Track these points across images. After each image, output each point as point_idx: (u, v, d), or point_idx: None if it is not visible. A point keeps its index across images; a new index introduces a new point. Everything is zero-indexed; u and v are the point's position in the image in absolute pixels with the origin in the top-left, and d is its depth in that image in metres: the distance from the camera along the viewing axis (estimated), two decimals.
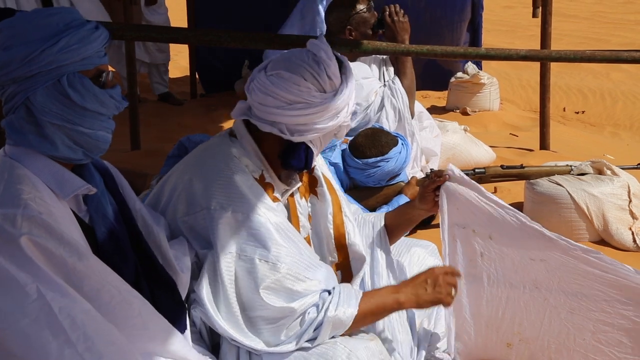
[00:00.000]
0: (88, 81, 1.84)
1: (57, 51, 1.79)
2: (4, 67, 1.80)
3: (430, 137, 4.65)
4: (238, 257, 2.13)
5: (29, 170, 1.83)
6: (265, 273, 2.12)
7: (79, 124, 1.85)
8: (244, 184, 2.18)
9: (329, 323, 2.14)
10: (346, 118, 2.25)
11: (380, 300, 2.24)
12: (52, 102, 1.82)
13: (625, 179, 3.97)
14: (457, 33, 7.70)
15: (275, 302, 2.12)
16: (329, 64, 2.19)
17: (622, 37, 13.71)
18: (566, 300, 2.42)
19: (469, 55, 4.83)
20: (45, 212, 1.77)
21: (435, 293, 2.27)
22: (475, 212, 2.45)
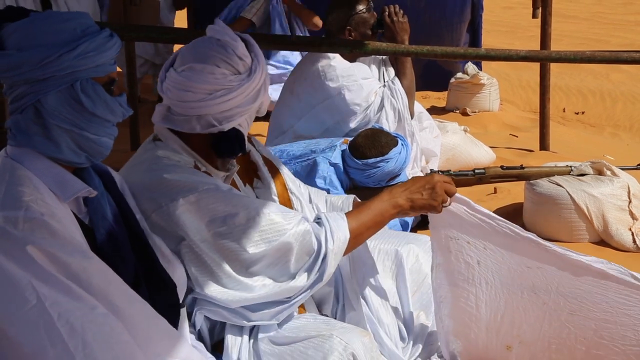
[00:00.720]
0: (100, 88, 1.86)
1: (74, 57, 1.81)
2: (17, 67, 1.80)
3: (430, 138, 4.65)
4: (213, 234, 2.13)
5: (31, 171, 1.83)
6: (244, 230, 2.13)
7: (86, 130, 1.86)
8: (179, 172, 2.18)
9: (332, 254, 2.19)
10: (266, 94, 2.27)
11: (378, 210, 2.32)
12: (62, 106, 1.83)
13: (625, 179, 3.97)
14: (457, 33, 7.69)
15: (267, 246, 2.14)
16: (236, 46, 2.20)
17: (622, 38, 13.71)
18: (566, 303, 2.42)
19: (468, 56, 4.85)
20: (47, 213, 1.77)
21: (430, 199, 2.33)
22: (467, 227, 2.44)
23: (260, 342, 2.21)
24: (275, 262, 2.17)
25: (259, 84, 2.22)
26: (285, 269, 2.18)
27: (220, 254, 2.14)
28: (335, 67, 4.24)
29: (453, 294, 2.54)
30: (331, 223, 2.24)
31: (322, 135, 4.22)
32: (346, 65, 4.26)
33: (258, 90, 2.22)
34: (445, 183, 2.36)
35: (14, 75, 1.81)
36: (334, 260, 2.22)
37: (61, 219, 1.79)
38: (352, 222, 2.28)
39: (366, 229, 2.31)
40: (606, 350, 2.40)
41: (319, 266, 2.20)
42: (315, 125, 4.29)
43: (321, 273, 2.20)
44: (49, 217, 1.76)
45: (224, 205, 2.15)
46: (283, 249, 2.17)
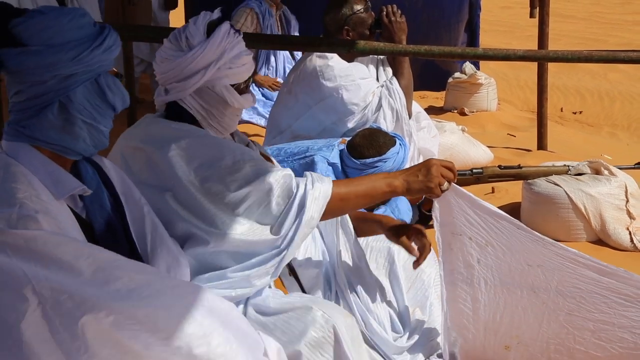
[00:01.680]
0: (118, 81, 1.92)
1: (102, 51, 1.86)
2: (52, 65, 1.81)
3: (428, 138, 4.66)
4: (201, 178, 2.25)
5: (26, 167, 1.83)
6: (229, 172, 2.25)
7: (101, 122, 1.91)
8: (173, 123, 2.36)
9: (311, 197, 2.27)
10: (215, 82, 2.34)
11: (371, 183, 2.38)
12: (88, 101, 1.87)
13: (623, 179, 3.97)
14: (455, 33, 7.70)
15: (248, 186, 2.25)
16: (191, 26, 2.34)
17: (620, 38, 13.73)
18: (564, 303, 2.42)
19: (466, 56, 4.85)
20: (42, 210, 1.77)
21: (426, 181, 2.36)
22: (469, 221, 2.45)
23: (249, 307, 2.29)
24: (258, 203, 2.26)
25: (199, 64, 2.28)
26: (267, 210, 2.27)
27: (209, 196, 2.24)
28: (333, 67, 4.24)
29: (452, 294, 2.55)
30: (314, 175, 2.35)
31: (319, 135, 4.23)
32: (344, 65, 4.26)
33: (197, 70, 2.28)
34: (442, 167, 2.38)
35: (44, 72, 1.82)
36: (314, 205, 2.28)
37: (56, 216, 1.80)
38: (341, 185, 2.36)
39: (354, 197, 2.37)
40: (604, 352, 2.41)
41: (297, 208, 2.27)
42: (313, 125, 4.29)
43: (300, 217, 2.27)
44: (42, 215, 1.76)
45: (212, 149, 2.29)
46: (264, 189, 2.26)
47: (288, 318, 2.23)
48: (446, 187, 2.38)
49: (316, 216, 2.29)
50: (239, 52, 2.34)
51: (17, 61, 1.80)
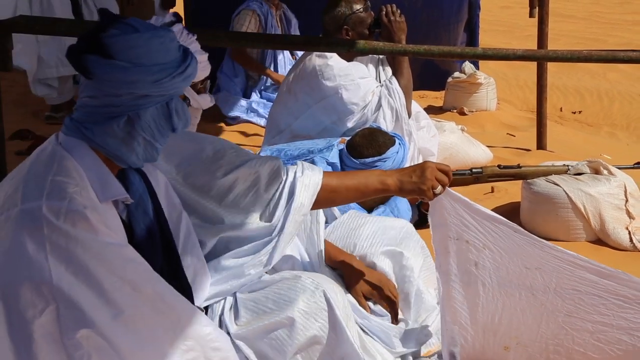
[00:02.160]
0: (186, 107, 1.96)
1: (182, 79, 1.90)
2: (133, 83, 1.84)
3: (428, 137, 4.66)
4: (183, 174, 2.23)
5: (78, 163, 1.86)
6: (212, 161, 2.24)
7: (159, 141, 1.95)
8: None
9: (301, 184, 2.27)
10: None
11: (364, 179, 2.37)
12: (155, 121, 1.91)
13: (622, 178, 3.97)
14: (454, 33, 7.70)
15: (236, 171, 2.24)
16: None
17: (619, 37, 13.73)
18: (563, 305, 2.42)
19: (466, 55, 4.85)
20: (90, 206, 1.81)
21: (419, 183, 2.35)
22: (466, 225, 2.44)
23: (239, 292, 2.29)
24: (247, 189, 2.25)
25: None
26: (256, 197, 2.26)
27: (195, 190, 2.23)
28: (333, 67, 4.24)
29: (449, 295, 2.55)
30: (305, 164, 2.34)
31: (319, 135, 4.23)
32: (343, 65, 4.26)
33: None
34: (437, 170, 2.37)
35: (123, 87, 1.84)
36: (305, 191, 2.28)
37: (102, 213, 1.83)
38: (332, 177, 2.36)
39: (345, 189, 2.36)
40: (602, 354, 2.41)
41: (287, 194, 2.27)
42: (312, 124, 4.29)
43: (290, 203, 2.27)
44: (90, 211, 1.80)
45: (190, 144, 2.27)
46: (251, 174, 2.25)
47: (278, 289, 2.24)
48: (439, 190, 2.37)
49: (307, 203, 2.29)
50: (193, 51, 2.32)
51: (102, 71, 1.83)
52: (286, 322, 2.19)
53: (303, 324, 2.20)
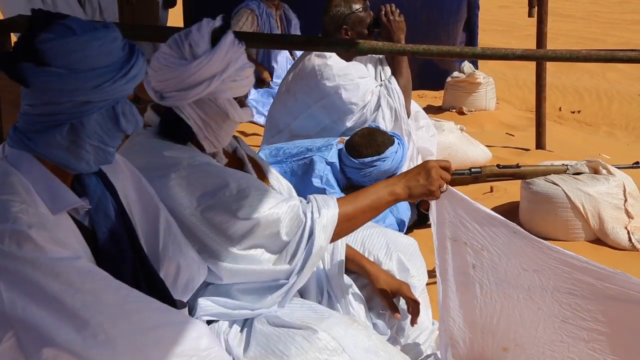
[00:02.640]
0: (134, 108, 1.85)
1: (125, 82, 1.78)
2: (71, 91, 1.73)
3: (427, 137, 4.66)
4: (203, 208, 2.18)
5: (25, 177, 1.78)
6: (235, 199, 2.19)
7: (110, 145, 1.85)
8: (172, 148, 2.26)
9: (320, 226, 2.24)
10: (218, 95, 2.25)
11: (375, 196, 2.34)
12: (100, 126, 1.80)
13: (621, 178, 3.98)
14: (453, 33, 7.69)
15: (257, 214, 2.19)
16: (195, 34, 2.22)
17: (618, 37, 13.74)
18: (560, 310, 2.42)
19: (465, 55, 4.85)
20: (36, 224, 1.72)
21: (427, 185, 2.34)
22: (465, 226, 2.44)
23: (256, 320, 2.24)
24: (267, 233, 2.22)
25: (202, 75, 2.19)
26: (276, 240, 2.23)
27: (212, 227, 2.19)
28: (332, 66, 4.24)
29: (449, 298, 2.55)
30: (318, 200, 2.30)
31: (318, 135, 4.23)
32: (342, 65, 4.26)
33: (199, 81, 2.20)
34: (439, 168, 2.36)
35: (62, 95, 1.74)
36: (323, 233, 2.25)
37: (53, 228, 1.75)
38: (346, 204, 2.32)
39: (361, 213, 2.34)
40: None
41: (307, 239, 2.24)
42: (311, 124, 4.29)
43: (310, 246, 2.24)
44: (36, 230, 1.71)
45: (214, 178, 2.21)
46: (272, 218, 2.21)
47: (294, 334, 2.17)
48: (445, 188, 2.38)
49: (324, 244, 2.26)
50: (243, 64, 2.26)
51: (38, 79, 1.71)
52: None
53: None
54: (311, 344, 2.13)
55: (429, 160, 2.40)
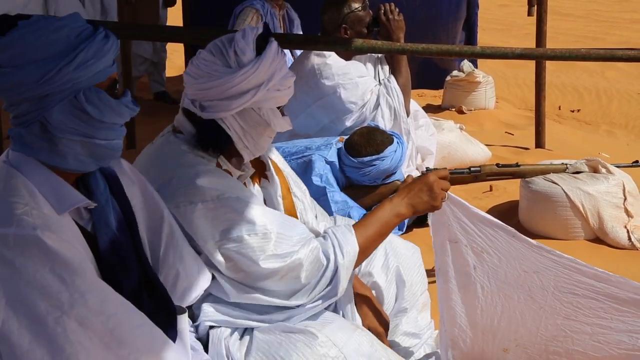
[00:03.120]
0: (104, 94, 1.77)
1: (73, 69, 1.71)
2: (16, 87, 1.71)
3: (426, 136, 4.66)
4: (221, 244, 2.13)
5: (28, 180, 1.77)
6: (259, 245, 2.14)
7: (95, 137, 1.78)
8: (205, 173, 2.17)
9: (343, 268, 2.22)
10: (262, 104, 2.21)
11: (382, 221, 2.34)
12: (69, 119, 1.74)
13: (620, 177, 3.98)
14: (453, 31, 7.70)
15: (280, 263, 2.15)
16: (240, 41, 2.16)
17: (618, 36, 13.74)
18: (562, 308, 2.42)
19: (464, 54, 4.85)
20: (41, 226, 1.70)
21: (431, 201, 2.36)
22: (465, 229, 2.45)
23: (257, 331, 2.22)
24: (286, 280, 2.18)
25: (247, 84, 2.15)
26: (295, 282, 2.19)
27: (231, 264, 2.15)
28: (331, 66, 4.24)
29: (449, 299, 2.55)
30: (339, 237, 2.26)
31: (318, 134, 4.22)
32: (342, 64, 4.26)
33: (244, 91, 2.15)
34: (440, 180, 2.38)
35: (13, 95, 1.73)
36: (346, 274, 2.23)
37: (57, 230, 1.73)
38: (359, 236, 2.29)
39: (373, 242, 2.34)
40: (602, 352, 2.41)
41: (329, 279, 2.21)
42: (311, 123, 4.29)
43: (334, 286, 2.21)
44: (42, 231, 1.69)
45: (241, 215, 2.15)
46: (293, 266, 2.17)
47: (295, 340, 2.15)
48: (446, 198, 2.41)
49: (347, 285, 2.26)
50: (286, 72, 2.24)
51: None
52: None
53: None
54: (312, 351, 2.12)
55: (428, 175, 2.39)
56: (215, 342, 2.19)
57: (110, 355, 1.74)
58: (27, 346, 1.66)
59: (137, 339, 1.78)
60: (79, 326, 1.70)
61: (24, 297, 1.67)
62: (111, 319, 1.74)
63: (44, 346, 1.67)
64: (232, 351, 2.18)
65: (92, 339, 1.71)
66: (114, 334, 1.74)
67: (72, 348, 1.68)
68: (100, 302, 1.74)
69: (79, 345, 1.69)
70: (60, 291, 1.69)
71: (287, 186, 2.52)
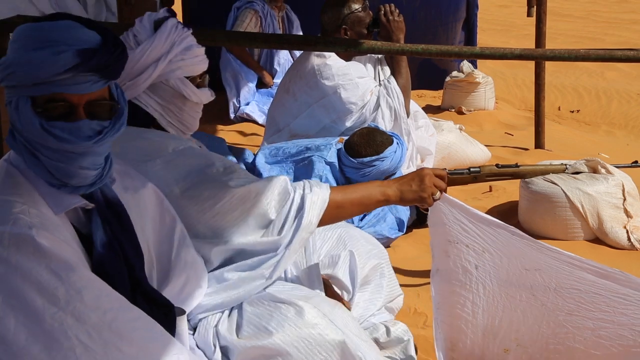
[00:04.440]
0: (27, 107, 1.72)
1: None
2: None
3: (426, 136, 4.66)
4: (185, 184, 2.21)
5: (26, 179, 1.77)
6: (223, 174, 2.23)
7: (43, 154, 1.74)
8: (151, 132, 2.32)
9: (310, 201, 2.26)
10: (169, 75, 2.31)
11: (366, 192, 2.38)
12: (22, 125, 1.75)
13: (620, 177, 3.98)
14: (452, 32, 7.70)
15: (245, 183, 2.23)
16: (137, 24, 2.36)
17: (617, 36, 13.74)
18: (564, 304, 2.42)
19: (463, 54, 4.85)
20: (37, 225, 1.71)
21: (419, 191, 2.37)
22: (464, 229, 2.45)
23: (245, 302, 2.23)
24: (255, 206, 2.23)
25: (147, 58, 2.27)
26: (264, 212, 2.24)
27: (200, 203, 2.20)
28: (331, 66, 4.24)
29: (449, 300, 2.54)
30: (311, 182, 2.34)
31: (317, 134, 4.23)
32: (342, 64, 4.27)
33: (146, 65, 2.27)
34: (434, 176, 2.39)
35: None
36: (312, 209, 2.27)
37: (53, 230, 1.73)
38: (337, 192, 2.35)
39: (349, 204, 2.36)
40: (604, 350, 2.41)
41: (295, 211, 2.26)
42: (311, 124, 4.30)
43: (300, 220, 2.25)
44: (37, 230, 1.70)
45: (199, 159, 2.26)
46: (261, 191, 2.24)
47: (286, 310, 2.18)
48: (438, 196, 2.40)
49: (314, 221, 2.28)
50: (189, 44, 2.34)
51: None
52: (283, 353, 2.13)
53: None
54: (304, 321, 2.15)
55: (424, 168, 2.43)
56: (202, 332, 2.20)
57: (112, 349, 1.73)
58: (23, 342, 1.66)
59: (136, 332, 1.78)
60: (76, 322, 1.69)
61: (20, 293, 1.67)
62: (108, 313, 1.74)
63: (41, 342, 1.67)
64: (223, 334, 2.18)
65: (90, 333, 1.70)
66: (112, 327, 1.73)
67: (69, 343, 1.68)
68: (96, 297, 1.74)
69: (76, 340, 1.69)
70: (56, 287, 1.69)
71: None
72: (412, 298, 3.29)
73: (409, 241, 3.94)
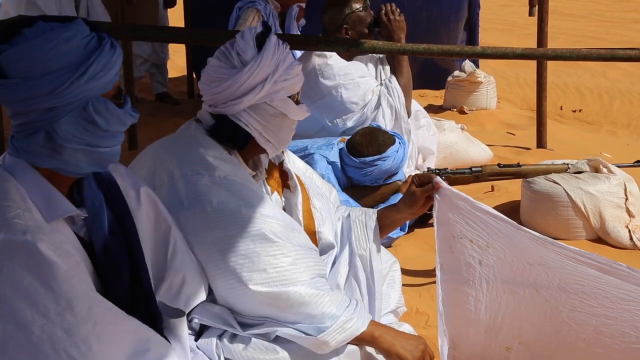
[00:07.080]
0: (112, 105, 1.78)
1: (85, 81, 1.72)
2: (28, 99, 1.70)
3: (427, 136, 4.66)
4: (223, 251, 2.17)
5: (20, 184, 1.76)
6: (270, 263, 2.19)
7: (100, 145, 1.79)
8: (219, 155, 2.28)
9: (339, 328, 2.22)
10: (273, 96, 2.28)
11: (361, 337, 2.28)
12: (76, 129, 1.75)
13: (622, 177, 3.97)
14: (454, 32, 7.70)
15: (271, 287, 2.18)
16: (240, 41, 2.28)
17: (619, 35, 13.72)
18: (567, 299, 2.42)
19: (465, 54, 4.84)
20: (32, 229, 1.70)
21: (408, 353, 2.30)
22: (469, 224, 2.45)
23: None
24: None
25: (254, 79, 2.23)
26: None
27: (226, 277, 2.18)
28: (332, 66, 4.24)
29: (452, 297, 2.54)
30: (360, 310, 2.29)
31: (319, 134, 4.23)
32: (343, 64, 4.27)
33: (253, 86, 2.23)
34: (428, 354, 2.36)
35: (23, 105, 1.72)
36: (339, 335, 2.22)
37: (49, 234, 1.73)
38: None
39: None
40: (606, 348, 2.40)
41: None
42: (312, 123, 4.29)
43: None
44: (32, 235, 1.69)
45: (238, 200, 2.21)
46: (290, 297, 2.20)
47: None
48: None
49: (335, 346, 2.24)
50: (291, 62, 2.30)
51: (1, 93, 1.70)
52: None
53: None
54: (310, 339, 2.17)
55: (425, 342, 2.38)
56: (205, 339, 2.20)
57: None
58: (10, 353, 1.64)
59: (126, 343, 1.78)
60: (65, 334, 1.68)
61: (10, 303, 1.66)
62: (98, 325, 1.73)
63: (28, 354, 1.65)
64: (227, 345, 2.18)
65: (79, 347, 1.69)
66: (100, 339, 1.72)
67: (57, 357, 1.67)
68: (87, 308, 1.73)
69: (64, 354, 1.67)
70: (47, 298, 1.68)
71: (307, 197, 2.54)
72: (414, 298, 3.29)
73: (411, 241, 3.94)
